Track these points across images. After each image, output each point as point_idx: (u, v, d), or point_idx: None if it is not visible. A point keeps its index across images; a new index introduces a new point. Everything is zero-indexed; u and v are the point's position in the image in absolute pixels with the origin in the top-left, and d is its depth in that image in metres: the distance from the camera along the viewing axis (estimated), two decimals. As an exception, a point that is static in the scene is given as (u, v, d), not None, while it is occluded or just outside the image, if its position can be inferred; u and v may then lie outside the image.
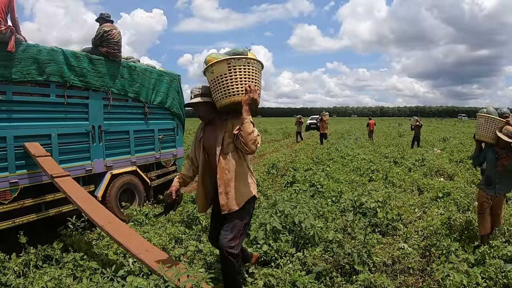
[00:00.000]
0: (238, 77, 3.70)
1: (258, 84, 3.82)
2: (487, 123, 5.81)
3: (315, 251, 5.21)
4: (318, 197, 8.16)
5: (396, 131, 37.66)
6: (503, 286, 4.44)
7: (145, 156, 7.91)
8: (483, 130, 5.86)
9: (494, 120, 5.73)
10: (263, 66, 3.94)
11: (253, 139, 3.60)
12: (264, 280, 4.32)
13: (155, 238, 5.43)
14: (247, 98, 3.65)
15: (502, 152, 5.61)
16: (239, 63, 3.71)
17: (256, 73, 3.80)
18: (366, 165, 12.98)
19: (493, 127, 5.73)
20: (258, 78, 3.82)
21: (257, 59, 3.83)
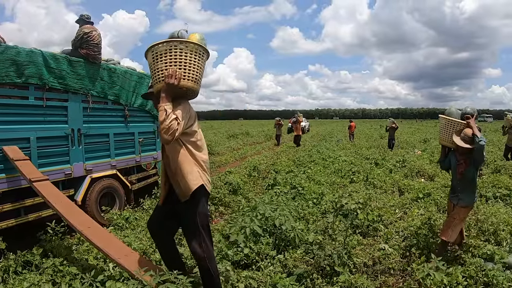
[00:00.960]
0: (160, 64, 3.67)
1: (186, 66, 3.68)
2: (447, 126, 5.55)
3: (296, 253, 5.22)
4: (299, 199, 8.19)
5: (377, 133, 37.88)
6: (483, 284, 4.49)
7: (126, 160, 7.86)
8: (444, 134, 5.62)
9: (454, 123, 5.45)
10: (199, 45, 3.77)
11: (165, 128, 3.46)
12: (245, 283, 4.31)
13: (136, 242, 5.39)
14: (163, 85, 3.61)
15: (461, 158, 5.38)
16: (160, 49, 3.67)
17: (182, 55, 3.67)
18: (347, 166, 13.05)
19: (453, 130, 5.47)
20: (184, 60, 3.68)
21: (183, 40, 3.73)
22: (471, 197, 5.40)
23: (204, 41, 3.90)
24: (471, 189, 5.39)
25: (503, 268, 4.84)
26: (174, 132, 3.48)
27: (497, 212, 6.93)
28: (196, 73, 3.74)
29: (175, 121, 3.50)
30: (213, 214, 7.70)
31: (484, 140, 4.99)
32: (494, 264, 4.91)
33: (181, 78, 3.63)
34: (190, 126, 3.77)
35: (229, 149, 23.23)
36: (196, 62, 3.73)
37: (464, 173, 5.34)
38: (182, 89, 3.70)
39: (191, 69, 3.70)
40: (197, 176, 3.77)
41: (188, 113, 3.73)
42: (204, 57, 3.84)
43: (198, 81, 3.78)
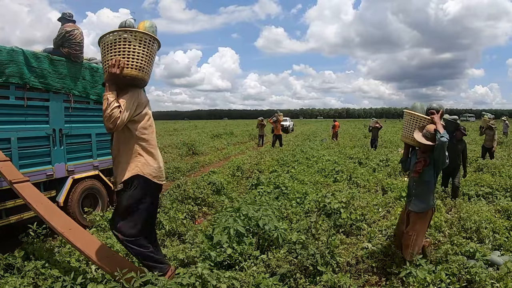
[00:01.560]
0: (107, 55, 3.81)
1: (130, 55, 3.79)
2: (410, 122, 5.22)
3: (279, 253, 5.21)
4: (282, 199, 8.22)
5: (361, 133, 38.02)
6: (466, 282, 4.55)
7: (108, 160, 7.71)
8: (407, 130, 5.26)
9: (418, 118, 5.14)
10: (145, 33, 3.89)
11: (106, 116, 3.61)
12: (228, 284, 4.28)
13: (118, 244, 5.33)
14: (107, 75, 3.75)
15: (421, 157, 5.05)
16: (107, 40, 3.81)
17: (126, 44, 3.78)
18: (331, 166, 13.09)
19: (416, 126, 5.14)
20: (128, 49, 3.78)
21: (128, 29, 3.86)
22: (424, 203, 5.04)
23: (152, 29, 4.05)
24: (426, 193, 5.05)
25: (485, 266, 4.91)
26: (116, 120, 3.62)
27: (479, 210, 7.04)
28: (141, 61, 3.84)
29: (117, 109, 3.64)
30: (196, 215, 7.68)
31: (447, 137, 4.69)
32: (477, 261, 4.96)
33: (124, 67, 3.73)
34: (138, 115, 3.87)
35: (213, 149, 23.19)
36: (141, 50, 3.83)
37: (421, 173, 5.02)
38: (127, 78, 3.78)
39: (135, 58, 3.80)
40: (136, 165, 3.87)
41: (136, 102, 3.84)
42: (151, 45, 3.94)
43: (143, 69, 3.88)
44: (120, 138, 3.92)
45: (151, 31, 4.02)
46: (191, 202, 8.01)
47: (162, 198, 8.14)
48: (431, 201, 5.09)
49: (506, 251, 5.66)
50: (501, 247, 5.84)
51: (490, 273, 4.59)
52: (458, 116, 9.16)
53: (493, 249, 5.73)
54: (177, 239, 6.17)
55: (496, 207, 7.96)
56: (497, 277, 4.50)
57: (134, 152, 3.89)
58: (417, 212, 5.05)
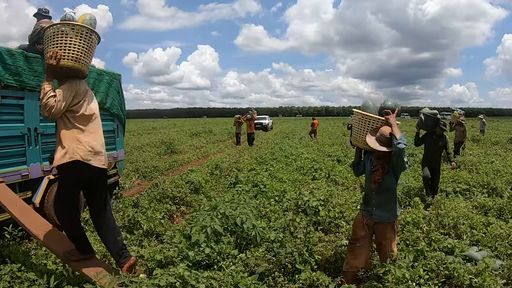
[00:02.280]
0: (48, 47, 4.03)
1: (66, 47, 3.97)
2: (362, 123, 4.60)
3: (257, 251, 5.20)
4: (261, 197, 8.21)
5: (340, 131, 38.25)
6: (445, 277, 4.60)
7: (84, 159, 7.61)
8: (357, 133, 4.68)
9: (370, 119, 4.54)
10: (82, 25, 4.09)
11: (42, 105, 3.89)
12: (206, 284, 4.26)
13: (96, 245, 5.27)
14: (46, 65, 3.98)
15: (377, 163, 4.50)
16: (48, 33, 4.03)
17: (63, 37, 3.98)
18: (310, 164, 13.17)
19: (368, 129, 4.54)
20: (65, 41, 3.97)
21: (65, 22, 4.17)
22: (390, 211, 4.57)
23: (89, 22, 4.27)
24: (389, 201, 4.56)
25: (463, 261, 4.96)
26: (51, 109, 3.86)
27: (457, 206, 7.15)
28: (77, 52, 4.02)
29: (52, 98, 3.86)
30: (174, 214, 7.64)
31: (404, 143, 4.17)
32: (455, 257, 5.02)
33: (60, 59, 3.93)
34: (76, 104, 4.06)
35: (191, 148, 23.10)
36: (77, 42, 4.02)
37: (381, 183, 4.46)
38: (63, 69, 3.99)
39: (71, 49, 3.99)
40: (72, 152, 4.00)
41: (73, 92, 4.05)
42: (89, 37, 4.13)
43: (80, 60, 4.05)
44: (60, 125, 4.09)
45: (89, 24, 4.23)
46: (169, 202, 7.97)
47: (140, 198, 8.07)
48: (397, 210, 4.66)
49: (483, 246, 5.72)
50: (478, 242, 5.91)
51: (468, 269, 4.62)
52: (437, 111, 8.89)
53: (471, 244, 5.80)
54: (155, 239, 6.12)
55: (473, 203, 8.08)
56: (475, 272, 4.53)
57: (72, 138, 4.04)
58: (383, 223, 4.57)
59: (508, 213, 7.19)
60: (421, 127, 8.80)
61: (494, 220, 6.75)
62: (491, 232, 6.03)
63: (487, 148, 18.76)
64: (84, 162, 4.05)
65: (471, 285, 4.39)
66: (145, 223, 6.32)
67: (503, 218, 7.12)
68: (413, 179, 10.29)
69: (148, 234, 6.23)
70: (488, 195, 8.81)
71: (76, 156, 4.00)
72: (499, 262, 4.97)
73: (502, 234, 5.83)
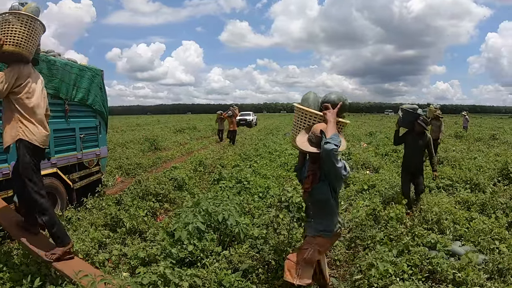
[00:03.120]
0: None
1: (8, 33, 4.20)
2: (299, 120, 4.08)
3: (241, 248, 5.19)
4: (244, 194, 8.21)
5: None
6: (428, 272, 4.66)
7: (66, 157, 7.53)
8: (294, 130, 4.19)
9: (307, 115, 3.99)
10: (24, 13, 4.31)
11: None
12: (190, 282, 4.24)
13: (78, 243, 5.20)
14: None
15: (310, 168, 3.93)
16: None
17: (6, 24, 4.23)
18: (294, 160, 13.15)
19: (303, 126, 4.01)
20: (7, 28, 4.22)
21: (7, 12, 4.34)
22: (322, 224, 3.88)
23: (31, 9, 4.44)
24: (324, 214, 3.87)
25: (446, 256, 5.01)
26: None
27: (440, 202, 7.19)
28: (18, 38, 4.24)
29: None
30: (158, 211, 7.59)
31: (335, 143, 3.43)
32: (438, 252, 5.07)
33: (3, 44, 4.16)
34: (18, 86, 4.23)
35: (175, 144, 22.98)
36: (19, 29, 4.25)
37: (311, 192, 3.86)
38: (6, 53, 4.21)
39: (12, 35, 4.21)
40: (16, 132, 4.21)
41: (16, 75, 4.21)
42: (31, 24, 4.35)
43: (20, 44, 4.25)
44: (5, 107, 4.33)
45: (30, 11, 4.40)
46: (152, 199, 7.91)
47: (123, 195, 8.01)
48: (333, 225, 3.87)
49: (466, 241, 5.78)
50: (461, 237, 5.98)
51: (451, 263, 4.70)
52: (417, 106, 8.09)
53: (454, 239, 5.86)
54: (138, 237, 6.09)
55: (456, 198, 8.16)
56: (458, 267, 4.60)
57: (15, 119, 4.24)
58: (312, 236, 3.89)
59: (491, 208, 7.27)
60: (401, 124, 7.87)
61: (476, 215, 6.83)
62: (474, 227, 6.10)
63: (470, 144, 19.00)
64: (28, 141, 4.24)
65: (455, 280, 4.44)
66: (128, 221, 6.27)
67: (486, 213, 7.20)
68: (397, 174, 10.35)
69: (131, 232, 6.18)
70: (471, 190, 8.91)
71: (22, 136, 4.21)
72: (482, 257, 5.03)
73: (484, 229, 5.88)
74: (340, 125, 3.92)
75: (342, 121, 3.91)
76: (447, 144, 18.82)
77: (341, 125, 3.93)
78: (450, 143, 19.48)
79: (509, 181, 9.76)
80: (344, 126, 4.00)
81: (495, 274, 4.69)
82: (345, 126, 4.03)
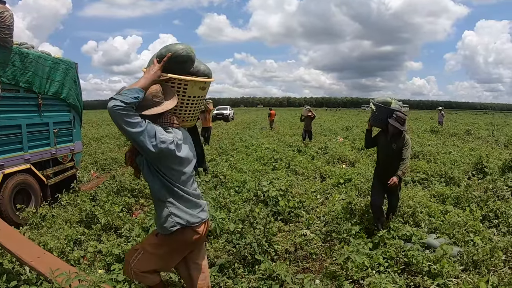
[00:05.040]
0: None
1: None
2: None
3: (217, 243, 5.19)
4: (220, 188, 8.18)
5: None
6: (404, 264, 4.73)
7: (40, 152, 7.42)
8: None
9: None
10: None
11: None
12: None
13: (52, 241, 5.13)
14: None
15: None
16: None
17: None
18: (270, 154, 13.27)
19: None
20: None
21: None
22: (158, 220, 3.10)
23: None
24: (156, 206, 3.11)
25: (422, 248, 5.08)
26: None
27: (415, 195, 7.29)
28: None
29: None
30: (133, 207, 7.53)
31: (123, 99, 2.66)
32: (413, 244, 5.14)
33: None
34: None
35: (152, 139, 22.76)
36: None
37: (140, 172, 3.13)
38: None
39: None
40: None
41: None
42: None
43: None
44: None
45: None
46: (128, 194, 7.83)
47: (98, 191, 7.93)
48: (165, 221, 3.00)
49: (441, 234, 5.87)
50: (436, 230, 6.07)
51: (426, 256, 4.76)
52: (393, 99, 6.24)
53: (429, 232, 5.95)
54: (113, 233, 6.02)
55: (431, 192, 8.30)
56: (434, 259, 4.67)
57: None
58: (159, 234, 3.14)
59: (465, 202, 7.41)
60: (373, 122, 6.28)
61: (451, 208, 6.96)
62: (448, 219, 6.20)
63: (445, 139, 19.42)
64: None
65: (430, 272, 4.51)
66: (103, 217, 6.19)
67: (460, 206, 7.33)
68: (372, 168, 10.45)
69: (106, 228, 6.11)
70: (445, 184, 9.09)
71: None
72: (456, 249, 5.11)
73: (459, 222, 5.99)
74: (176, 83, 3.10)
75: (168, 77, 3.03)
76: (422, 138, 19.13)
77: (179, 84, 3.11)
78: (426, 138, 19.79)
79: (483, 175, 9.94)
80: (188, 85, 3.13)
81: (470, 265, 4.77)
82: (192, 85, 3.16)
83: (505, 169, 9.80)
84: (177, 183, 3.01)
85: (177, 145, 2.95)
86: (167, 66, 3.00)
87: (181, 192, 3.03)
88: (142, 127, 2.72)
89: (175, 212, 3.00)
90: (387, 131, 5.99)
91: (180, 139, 3.02)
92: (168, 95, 3.03)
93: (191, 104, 3.21)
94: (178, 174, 3.02)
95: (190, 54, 3.13)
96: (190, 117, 3.28)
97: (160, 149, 2.81)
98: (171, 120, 3.05)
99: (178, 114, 3.17)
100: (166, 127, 2.97)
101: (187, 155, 3.08)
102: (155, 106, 2.92)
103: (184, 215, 3.02)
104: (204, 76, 3.34)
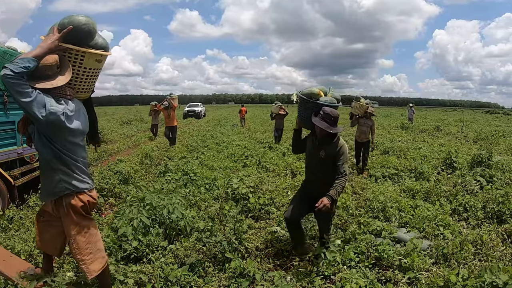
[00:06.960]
0: None
1: None
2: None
3: (187, 241, 5.16)
4: (191, 186, 8.15)
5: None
6: (375, 258, 4.79)
7: (6, 152, 7.21)
8: None
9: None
10: None
11: None
12: (135, 278, 4.19)
13: (20, 244, 5.04)
14: None
15: None
16: None
17: None
18: (241, 151, 13.27)
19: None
20: None
21: None
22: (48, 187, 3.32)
23: None
24: (47, 174, 3.28)
25: (392, 243, 5.16)
26: None
27: (385, 190, 7.39)
28: None
29: None
30: (103, 207, 7.43)
31: (14, 69, 2.74)
32: (384, 239, 5.22)
33: None
34: None
35: (122, 137, 22.51)
36: None
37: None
38: None
39: None
40: None
41: None
42: None
43: None
44: None
45: None
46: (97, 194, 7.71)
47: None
48: (57, 186, 3.22)
49: (411, 228, 6.00)
50: (407, 224, 6.20)
51: (397, 250, 4.85)
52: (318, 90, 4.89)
53: (399, 226, 6.05)
54: (82, 234, 5.92)
55: (401, 187, 8.46)
56: (404, 253, 4.76)
57: None
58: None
59: (435, 196, 7.59)
60: (300, 121, 5.15)
61: (421, 202, 7.09)
62: (418, 214, 6.34)
63: (415, 135, 19.87)
64: None
65: (401, 266, 4.59)
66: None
67: (430, 200, 7.51)
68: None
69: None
70: (415, 179, 9.29)
71: None
72: (427, 243, 5.22)
73: (429, 216, 6.12)
74: (74, 54, 3.18)
75: (66, 47, 3.11)
76: (393, 135, 19.43)
77: (76, 54, 3.19)
78: (396, 134, 20.13)
79: (452, 170, 10.21)
80: (84, 56, 3.23)
81: (440, 259, 4.87)
82: (89, 57, 3.25)
83: (474, 164, 10.03)
84: (69, 152, 3.18)
85: (67, 117, 3.06)
86: (66, 37, 3.07)
87: (71, 160, 3.21)
88: (31, 97, 2.82)
89: (65, 178, 3.18)
90: (315, 134, 4.87)
91: (72, 110, 3.13)
92: (64, 68, 3.10)
93: (86, 76, 3.32)
94: (69, 144, 3.18)
95: (91, 29, 3.22)
96: (84, 89, 3.42)
97: (49, 120, 2.93)
98: (64, 91, 3.14)
99: (73, 85, 3.27)
100: (58, 98, 3.06)
101: (78, 126, 3.24)
102: (47, 79, 3.01)
103: (74, 182, 3.21)
104: (102, 49, 3.39)
